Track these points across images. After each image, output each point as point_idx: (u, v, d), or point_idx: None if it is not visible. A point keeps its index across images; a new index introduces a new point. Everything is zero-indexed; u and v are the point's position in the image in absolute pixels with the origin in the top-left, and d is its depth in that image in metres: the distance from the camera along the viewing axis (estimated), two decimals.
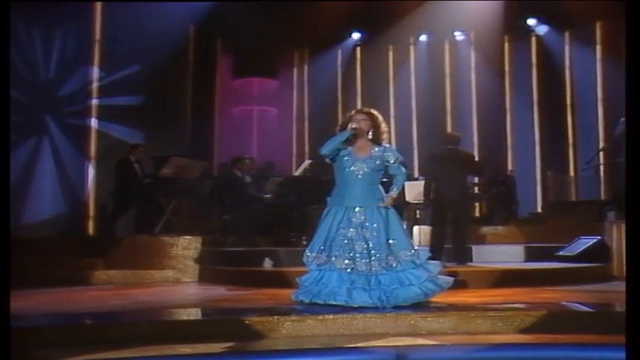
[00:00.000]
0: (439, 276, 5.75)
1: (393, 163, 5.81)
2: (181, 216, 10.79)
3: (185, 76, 14.54)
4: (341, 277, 5.57)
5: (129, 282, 8.94)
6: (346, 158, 5.77)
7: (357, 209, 5.68)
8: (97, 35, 11.38)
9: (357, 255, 5.59)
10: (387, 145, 5.88)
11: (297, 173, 10.69)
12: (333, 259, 5.62)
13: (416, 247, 5.78)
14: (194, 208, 11.26)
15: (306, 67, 17.83)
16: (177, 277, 9.23)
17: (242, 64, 16.59)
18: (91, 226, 11.11)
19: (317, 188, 9.09)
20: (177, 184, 10.40)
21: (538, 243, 10.57)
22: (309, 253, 5.74)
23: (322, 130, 17.74)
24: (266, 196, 10.57)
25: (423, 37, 16.88)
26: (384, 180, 5.99)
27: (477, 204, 14.55)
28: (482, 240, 11.56)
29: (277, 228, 10.60)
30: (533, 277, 7.89)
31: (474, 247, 9.73)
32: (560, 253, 9.24)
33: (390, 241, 5.63)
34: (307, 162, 10.86)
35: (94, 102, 11.28)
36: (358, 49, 17.40)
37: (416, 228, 10.37)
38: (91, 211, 11.14)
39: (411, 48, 17.23)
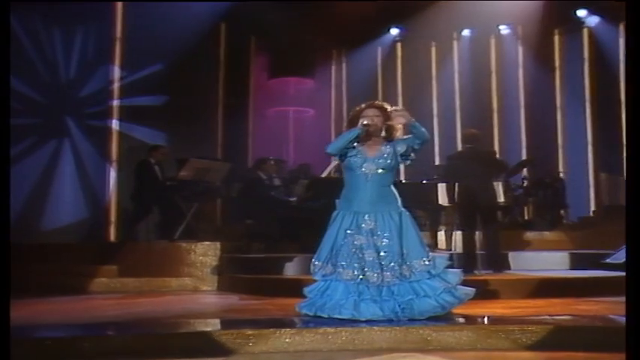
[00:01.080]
0: (459, 287, 5.34)
1: (406, 148, 5.35)
2: (203, 221, 10.57)
3: (215, 76, 14.34)
4: (347, 289, 5.18)
5: (143, 290, 8.74)
6: (355, 158, 5.39)
7: (366, 215, 5.30)
8: (118, 33, 11.23)
9: (367, 265, 5.19)
10: (398, 139, 5.48)
11: (323, 175, 10.36)
12: (340, 269, 5.23)
13: (432, 255, 5.36)
14: (217, 213, 11.04)
15: (344, 65, 17.41)
16: (195, 286, 8.99)
17: (277, 64, 16.23)
18: (112, 232, 10.94)
19: None
20: (199, 188, 10.17)
21: (586, 249, 9.98)
22: (315, 262, 5.36)
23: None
24: (291, 199, 10.25)
25: (466, 32, 16.31)
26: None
27: (524, 208, 13.98)
28: (526, 246, 11.03)
29: (304, 233, 10.25)
30: (573, 287, 7.40)
31: (514, 254, 9.22)
32: (606, 260, 8.67)
33: (404, 250, 5.23)
34: (334, 162, 10.47)
35: (116, 102, 11.11)
36: (398, 45, 16.96)
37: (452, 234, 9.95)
38: (113, 217, 10.97)
39: (454, 43, 16.70)
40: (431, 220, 9.79)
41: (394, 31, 16.53)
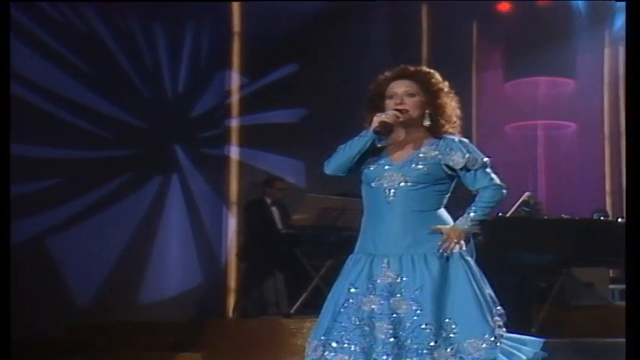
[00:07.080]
0: None
1: (462, 167, 4.00)
2: None
3: None
4: None
5: None
6: (372, 166, 4.12)
7: (385, 261, 3.95)
8: (236, 26, 10.54)
9: (379, 346, 3.87)
10: (452, 137, 4.07)
11: (511, 212, 8.96)
12: (328, 353, 3.95)
13: (503, 333, 3.92)
14: None
15: (620, 58, 15.65)
16: None
17: (517, 59, 15.27)
18: (231, 303, 10.21)
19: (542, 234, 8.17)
20: (331, 237, 9.12)
21: None
22: (309, 341, 4.12)
23: None
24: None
25: None
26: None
27: None
28: None
29: None
30: None
31: None
32: None
33: (447, 320, 3.88)
34: (526, 194, 9.12)
35: (235, 122, 10.46)
36: None
37: None
38: (232, 282, 10.24)
39: None
40: None
41: None
